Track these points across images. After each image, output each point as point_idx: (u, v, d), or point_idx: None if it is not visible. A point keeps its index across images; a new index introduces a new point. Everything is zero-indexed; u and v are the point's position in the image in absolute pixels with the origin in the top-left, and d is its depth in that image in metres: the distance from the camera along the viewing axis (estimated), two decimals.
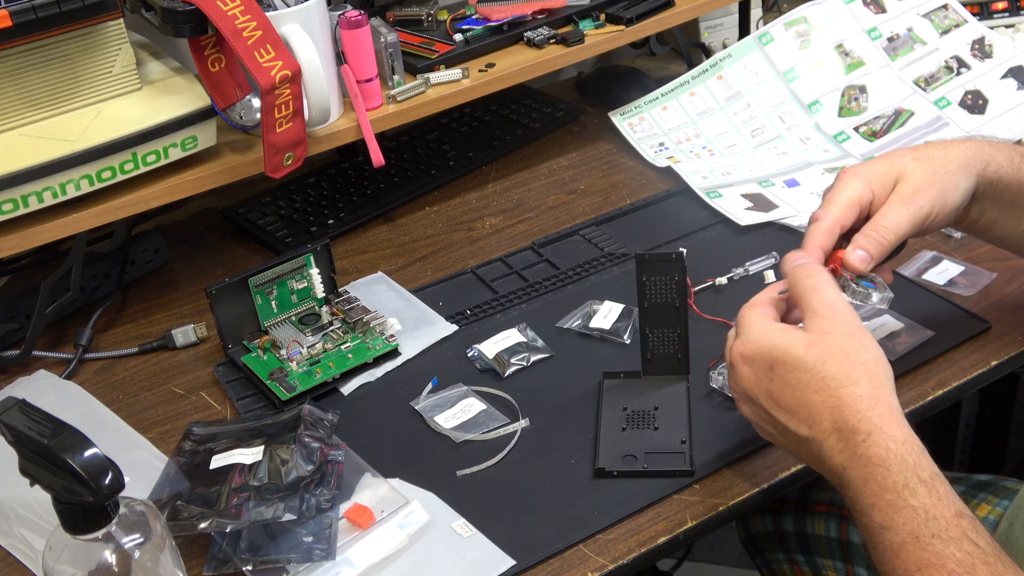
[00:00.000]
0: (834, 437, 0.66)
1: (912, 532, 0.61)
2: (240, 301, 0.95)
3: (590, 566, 0.74)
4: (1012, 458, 1.43)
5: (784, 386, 0.69)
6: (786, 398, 0.69)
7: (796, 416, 0.69)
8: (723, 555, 1.75)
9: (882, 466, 0.64)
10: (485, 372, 0.93)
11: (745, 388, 0.72)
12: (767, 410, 0.71)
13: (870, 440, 0.65)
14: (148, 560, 0.62)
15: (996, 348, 0.91)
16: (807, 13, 1.28)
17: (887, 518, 0.63)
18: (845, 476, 0.66)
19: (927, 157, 0.79)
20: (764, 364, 0.70)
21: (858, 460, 0.65)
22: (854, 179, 0.79)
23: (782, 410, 0.70)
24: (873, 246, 0.77)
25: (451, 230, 1.15)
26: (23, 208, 0.90)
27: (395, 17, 1.20)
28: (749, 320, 0.74)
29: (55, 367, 0.99)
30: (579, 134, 1.32)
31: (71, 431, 0.59)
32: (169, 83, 0.98)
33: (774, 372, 0.70)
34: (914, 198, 0.78)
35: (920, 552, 0.61)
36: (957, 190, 0.79)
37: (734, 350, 0.73)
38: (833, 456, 0.66)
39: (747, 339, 0.72)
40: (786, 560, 1.06)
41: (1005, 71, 1.25)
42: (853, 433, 0.65)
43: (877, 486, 0.63)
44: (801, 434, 0.68)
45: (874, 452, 0.64)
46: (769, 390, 0.70)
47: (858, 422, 0.66)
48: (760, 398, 0.71)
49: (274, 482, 0.78)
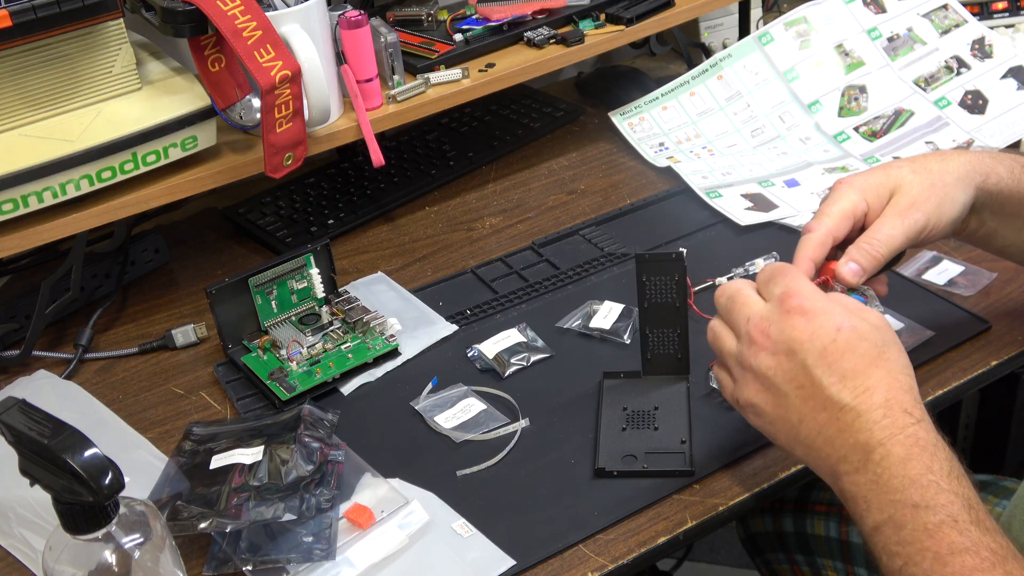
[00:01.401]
0: (880, 411, 0.65)
1: (952, 515, 0.61)
2: (240, 301, 0.95)
3: (590, 566, 0.74)
4: (1012, 458, 1.43)
5: (847, 350, 0.67)
6: (844, 362, 0.66)
7: (847, 382, 0.66)
8: (723, 555, 1.75)
9: (929, 449, 0.63)
10: (485, 372, 0.93)
11: (793, 339, 0.68)
12: (809, 368, 0.67)
13: (922, 425, 0.64)
14: (148, 560, 0.62)
15: (996, 348, 0.91)
16: (807, 13, 1.28)
17: (928, 496, 0.61)
18: (879, 451, 0.64)
19: (925, 169, 0.78)
20: (831, 323, 0.67)
21: (906, 438, 0.63)
22: (849, 190, 0.78)
23: (832, 372, 0.66)
24: (866, 259, 0.76)
25: (451, 230, 1.15)
26: (23, 208, 0.90)
27: (395, 17, 1.20)
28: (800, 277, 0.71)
29: (55, 367, 0.99)
30: (579, 134, 1.32)
31: (71, 431, 0.59)
32: (169, 83, 0.98)
33: (840, 334, 0.67)
34: (910, 211, 0.77)
35: (957, 536, 0.60)
36: (954, 203, 0.78)
37: (794, 299, 0.69)
38: (872, 429, 0.64)
39: (813, 295, 0.69)
40: (786, 560, 1.06)
41: (1005, 71, 1.25)
42: (905, 414, 0.64)
43: (922, 466, 0.62)
44: (842, 400, 0.66)
45: (924, 435, 0.64)
46: (827, 349, 0.67)
47: (912, 407, 0.65)
48: (808, 353, 0.67)
49: (274, 482, 0.78)
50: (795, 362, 0.68)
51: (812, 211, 0.83)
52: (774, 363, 0.69)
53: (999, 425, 1.42)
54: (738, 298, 0.73)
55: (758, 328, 0.70)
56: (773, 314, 0.70)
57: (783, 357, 0.68)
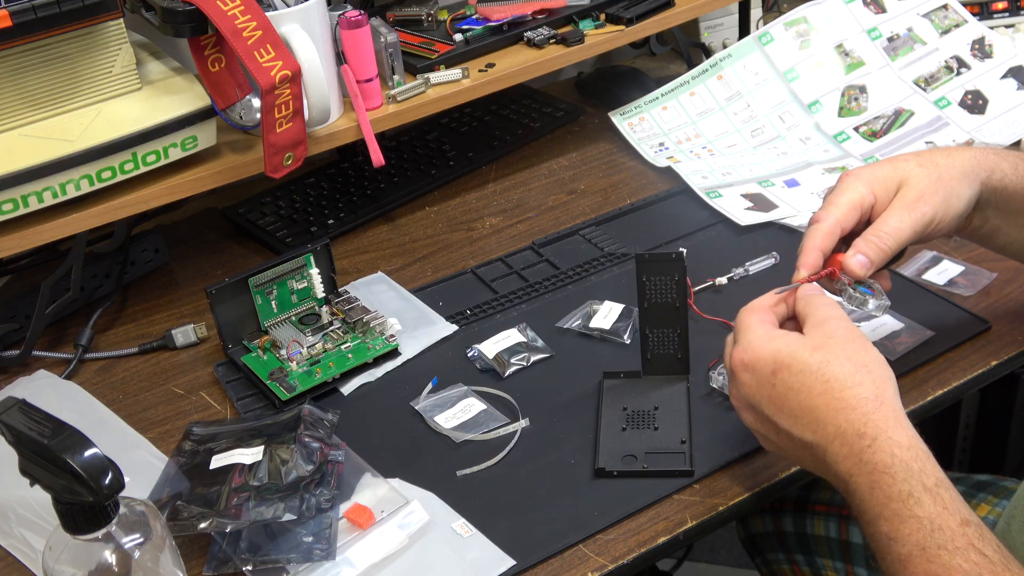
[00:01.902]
0: (838, 442, 0.66)
1: (918, 544, 0.61)
2: (240, 301, 0.95)
3: (590, 566, 0.74)
4: (1012, 458, 1.43)
5: (787, 391, 0.68)
6: (789, 403, 0.68)
7: (799, 421, 0.68)
8: (723, 555, 1.75)
9: (887, 474, 0.63)
10: (485, 372, 0.93)
11: (747, 395, 0.71)
12: (769, 417, 0.70)
13: (875, 446, 0.64)
14: (148, 560, 0.62)
15: (996, 348, 0.91)
16: (807, 13, 1.28)
17: (893, 529, 0.62)
18: (851, 484, 0.65)
19: (931, 163, 0.79)
20: (767, 370, 0.69)
21: (863, 467, 0.64)
22: (856, 182, 0.79)
23: (786, 416, 0.69)
24: (874, 251, 0.76)
25: (451, 230, 1.15)
26: (23, 208, 0.90)
27: (395, 17, 1.20)
28: (748, 325, 0.73)
29: (55, 367, 0.99)
30: (579, 134, 1.32)
31: (71, 431, 0.59)
32: (169, 83, 0.98)
33: (777, 377, 0.69)
34: (917, 204, 0.77)
35: (927, 564, 0.60)
36: (960, 198, 0.78)
37: (734, 357, 0.72)
38: (838, 462, 0.66)
39: (748, 345, 0.71)
40: (786, 560, 1.06)
41: (1005, 71, 1.25)
42: (858, 438, 0.65)
43: (883, 495, 0.63)
44: (805, 439, 0.68)
45: (879, 459, 0.64)
46: (772, 396, 0.69)
47: (863, 425, 0.65)
48: (763, 405, 0.70)
49: (274, 482, 0.78)
50: (759, 413, 0.71)
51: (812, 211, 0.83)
52: (750, 418, 0.73)
53: (999, 425, 1.42)
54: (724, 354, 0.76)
55: (730, 391, 0.75)
56: (729, 373, 0.74)
57: (752, 412, 0.72)
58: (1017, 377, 1.35)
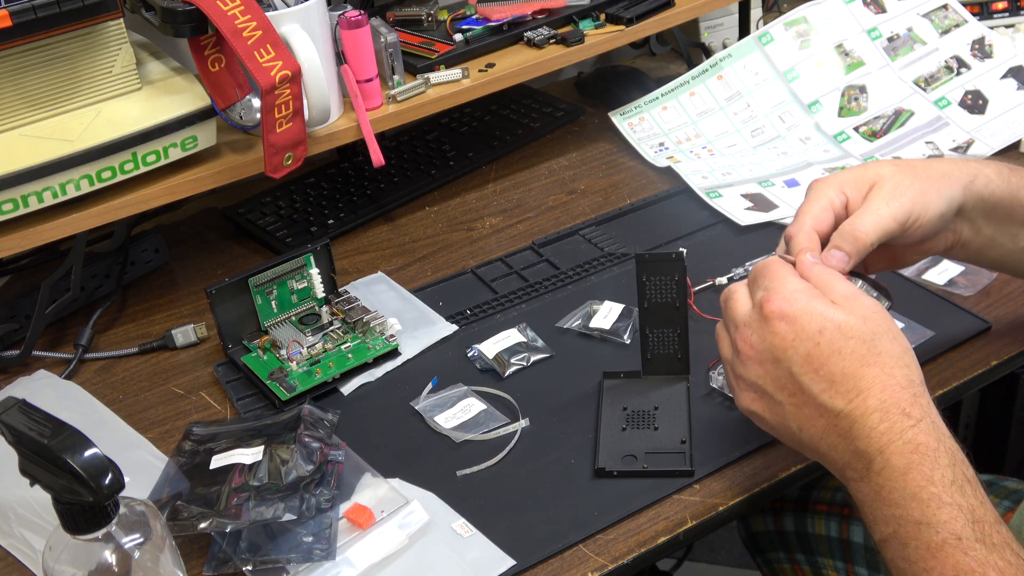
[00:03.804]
0: (877, 416, 0.62)
1: (955, 532, 0.58)
2: (240, 301, 0.95)
3: (590, 566, 0.74)
4: (1012, 458, 1.43)
5: (832, 353, 0.64)
6: (831, 366, 0.64)
7: (837, 387, 0.64)
8: (723, 555, 1.75)
9: (931, 456, 0.60)
10: (485, 372, 0.93)
11: (776, 346, 0.66)
12: (796, 376, 0.65)
13: (920, 427, 0.61)
14: (148, 560, 0.62)
15: (996, 348, 0.91)
16: (807, 13, 1.28)
17: (928, 513, 0.59)
18: (879, 461, 0.61)
19: (907, 164, 0.76)
20: (812, 326, 0.65)
21: (904, 445, 0.61)
22: (824, 187, 0.76)
23: (821, 378, 0.64)
24: (849, 244, 0.72)
25: (451, 230, 1.15)
26: (23, 208, 0.90)
27: (395, 17, 1.20)
28: (784, 276, 0.68)
29: (55, 367, 0.99)
30: (579, 134, 1.32)
31: (71, 431, 0.59)
32: (169, 83, 0.98)
33: (823, 336, 0.64)
34: (894, 196, 0.73)
35: (961, 555, 0.58)
36: (940, 195, 0.74)
37: (772, 303, 0.66)
38: (870, 436, 0.62)
39: (791, 296, 0.66)
40: (787, 559, 1.06)
41: (1005, 71, 1.25)
42: (903, 416, 0.62)
43: (922, 477, 0.60)
44: (835, 407, 0.64)
45: (923, 439, 0.61)
46: (811, 354, 0.64)
47: (910, 406, 0.62)
48: (793, 360, 0.65)
49: (274, 482, 0.78)
50: (782, 370, 0.66)
51: None
52: (762, 372, 0.68)
53: (999, 425, 1.42)
54: (729, 302, 0.72)
55: (742, 336, 0.69)
56: (754, 320, 0.68)
57: (770, 365, 0.67)
58: (1017, 377, 1.35)
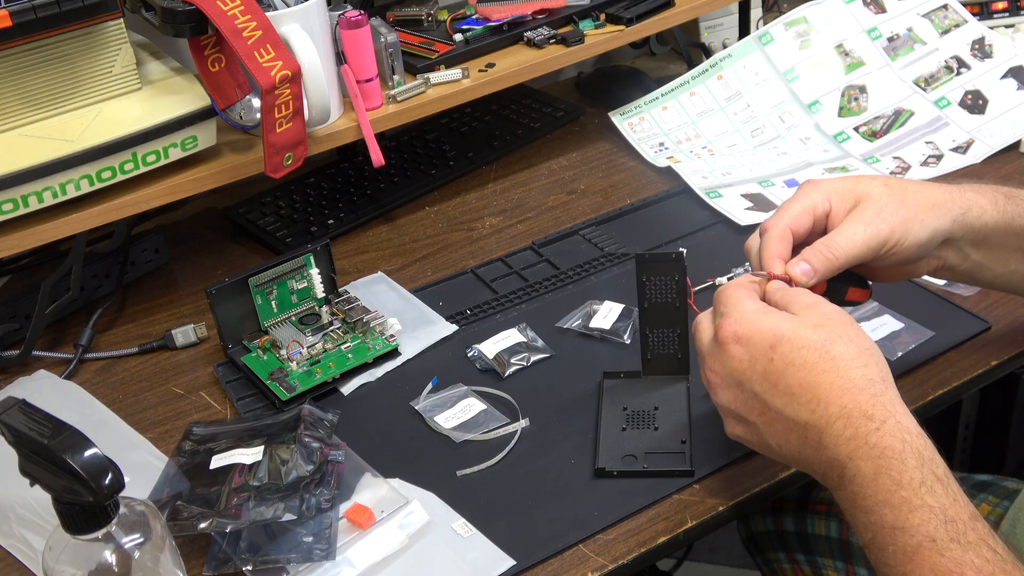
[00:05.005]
0: (841, 423, 0.62)
1: (929, 535, 0.58)
2: (240, 301, 0.95)
3: (590, 566, 0.74)
4: (1012, 458, 1.43)
5: (787, 366, 0.64)
6: (787, 379, 0.64)
7: (796, 399, 0.64)
8: (723, 555, 1.75)
9: (897, 459, 0.60)
10: (485, 372, 0.93)
11: (735, 370, 0.67)
12: (759, 395, 0.66)
13: (884, 429, 0.61)
14: (148, 560, 0.62)
15: (996, 348, 0.91)
16: (807, 13, 1.28)
17: (901, 518, 0.59)
18: (850, 468, 0.61)
19: (899, 187, 0.75)
20: (764, 344, 0.66)
21: (870, 450, 0.61)
22: (813, 190, 0.76)
23: (780, 392, 0.65)
24: (819, 260, 0.72)
25: (451, 230, 1.15)
26: (23, 208, 0.90)
27: (395, 17, 1.20)
28: (737, 299, 0.69)
29: (55, 367, 0.99)
30: (579, 134, 1.32)
31: (71, 431, 0.59)
32: (169, 83, 0.98)
33: (775, 352, 0.65)
34: (874, 221, 0.73)
35: (937, 557, 0.57)
36: (924, 225, 0.74)
37: (725, 328, 0.68)
38: (837, 445, 0.62)
39: (742, 318, 0.67)
40: (787, 559, 1.06)
41: (1005, 71, 1.25)
42: (866, 419, 0.61)
43: (891, 481, 0.60)
44: (800, 419, 0.64)
45: (888, 443, 0.60)
46: (767, 371, 0.65)
47: (871, 407, 0.62)
48: (754, 381, 0.66)
49: (274, 482, 0.78)
50: (746, 392, 0.67)
51: None
52: (731, 396, 0.69)
53: (999, 425, 1.42)
54: (696, 334, 0.73)
55: (708, 366, 0.71)
56: (713, 347, 0.69)
57: (735, 389, 0.68)
58: (1017, 377, 1.35)
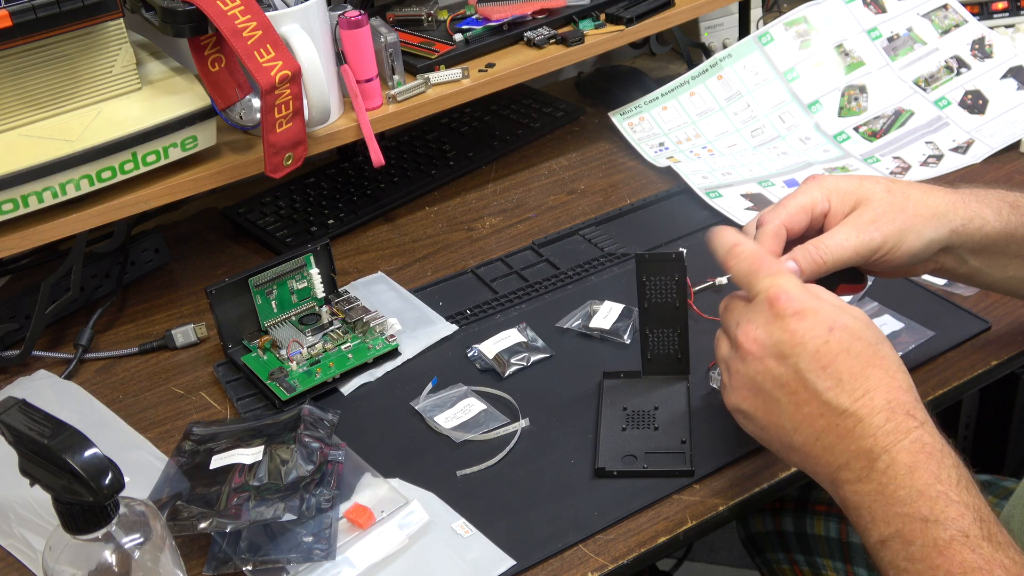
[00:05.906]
0: (883, 415, 0.62)
1: (963, 530, 0.58)
2: (240, 301, 0.95)
3: (590, 566, 0.74)
4: (1012, 458, 1.43)
5: (840, 352, 0.64)
6: (838, 364, 0.64)
7: (843, 386, 0.64)
8: (723, 555, 1.75)
9: (936, 456, 0.61)
10: (485, 372, 0.93)
11: (784, 342, 0.65)
12: (802, 372, 0.65)
13: (925, 428, 0.62)
14: (148, 560, 0.62)
15: (996, 348, 0.91)
16: (807, 13, 1.28)
17: (937, 510, 0.59)
18: (884, 459, 0.61)
19: (901, 194, 0.75)
20: (823, 324, 0.65)
21: (912, 444, 0.61)
22: (815, 187, 0.76)
23: (828, 376, 0.64)
24: (807, 262, 0.72)
25: (451, 230, 1.15)
26: (23, 208, 0.90)
27: (395, 17, 1.20)
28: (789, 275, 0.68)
29: (55, 367, 0.99)
30: (579, 134, 1.32)
31: (71, 431, 0.59)
32: (169, 83, 0.98)
33: (832, 335, 0.64)
34: (868, 227, 0.73)
35: (968, 553, 0.58)
36: (919, 236, 0.74)
37: (791, 301, 0.66)
38: (875, 435, 0.62)
39: (804, 294, 0.66)
40: (786, 560, 1.06)
41: (1005, 71, 1.25)
42: (908, 417, 0.62)
43: (928, 474, 0.60)
44: (840, 406, 0.63)
45: (929, 440, 0.61)
46: (820, 351, 0.64)
47: (914, 408, 0.63)
48: (801, 356, 0.65)
49: (274, 482, 0.78)
50: (786, 366, 0.66)
51: None
52: (762, 368, 0.67)
53: (999, 425, 1.42)
54: (730, 304, 0.72)
55: (745, 332, 0.68)
56: (759, 316, 0.68)
57: (772, 361, 0.66)
58: (1017, 377, 1.35)
